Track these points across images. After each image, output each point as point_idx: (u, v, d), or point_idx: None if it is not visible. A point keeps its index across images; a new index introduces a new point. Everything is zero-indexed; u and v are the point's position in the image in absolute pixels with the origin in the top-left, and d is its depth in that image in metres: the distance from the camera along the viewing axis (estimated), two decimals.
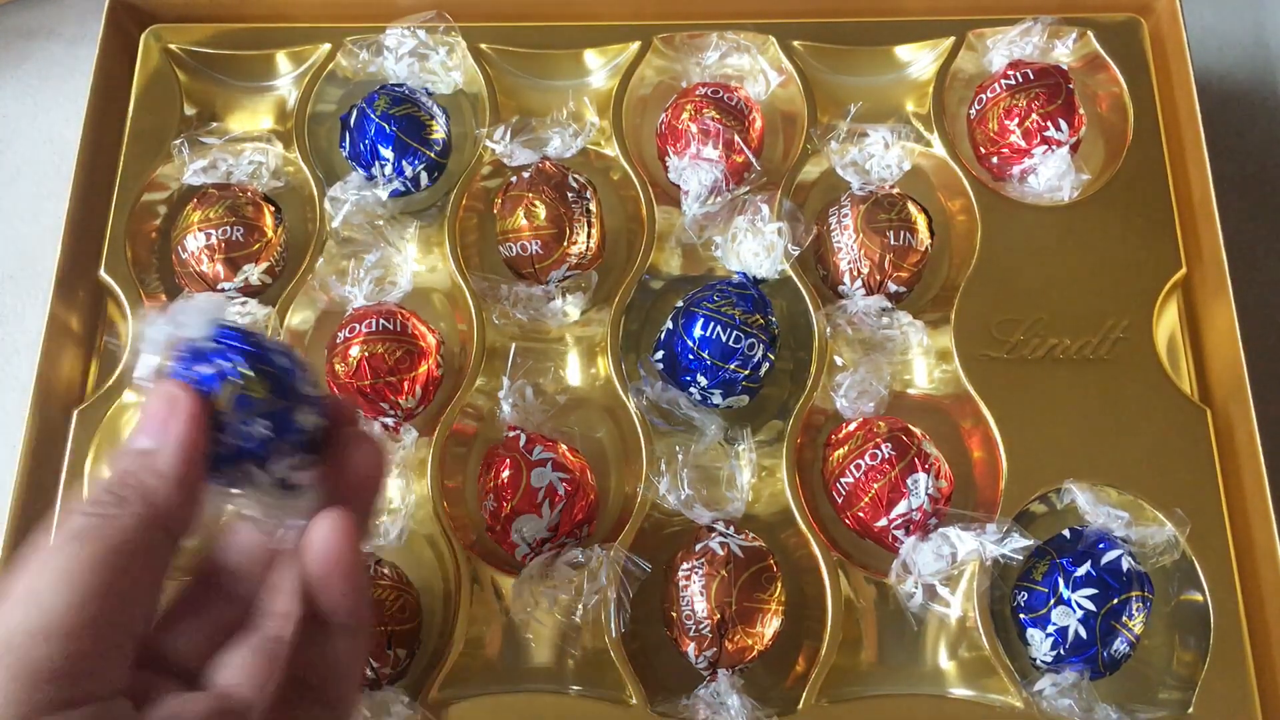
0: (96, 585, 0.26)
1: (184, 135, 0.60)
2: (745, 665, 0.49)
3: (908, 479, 0.49)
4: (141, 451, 0.28)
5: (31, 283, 0.64)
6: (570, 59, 0.62)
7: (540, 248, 0.55)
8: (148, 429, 0.29)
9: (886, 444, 0.50)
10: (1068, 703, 0.48)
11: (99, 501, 0.28)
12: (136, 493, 0.28)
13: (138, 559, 0.27)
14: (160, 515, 0.28)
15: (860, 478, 0.50)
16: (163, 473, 0.28)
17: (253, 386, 0.29)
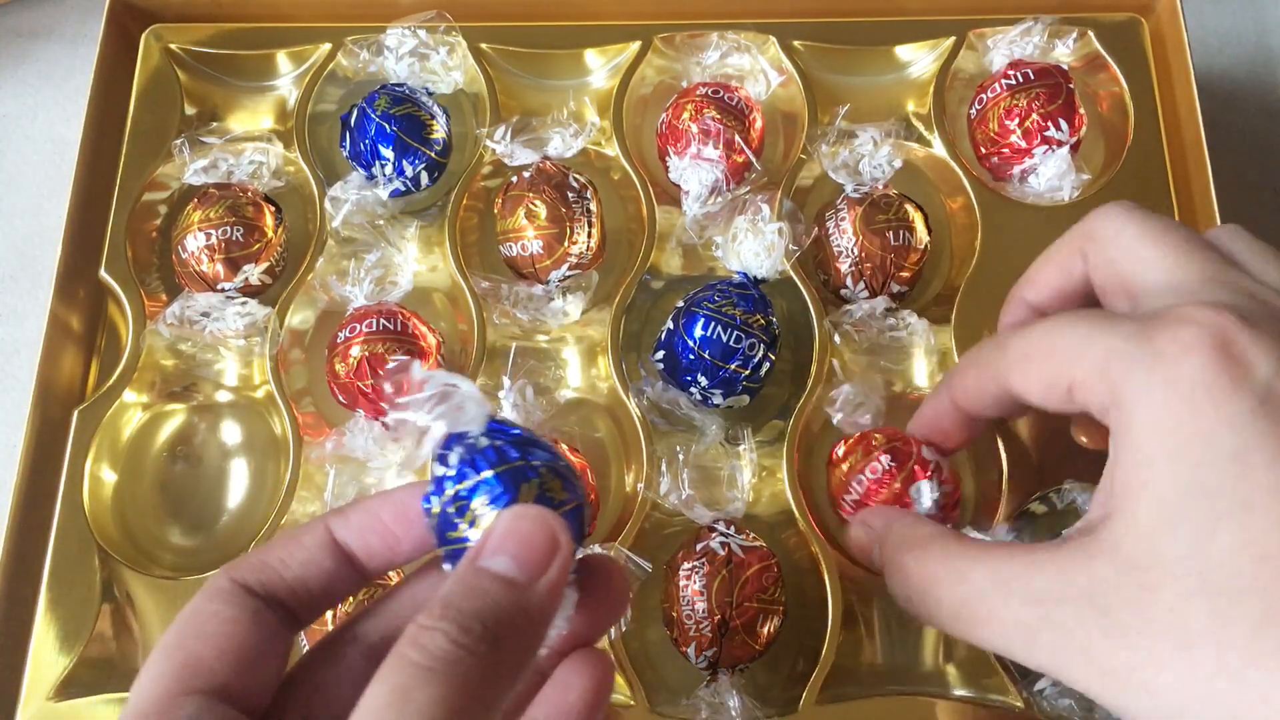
0: None
1: (184, 135, 0.60)
2: (745, 665, 0.49)
3: (910, 488, 0.48)
4: (510, 583, 0.25)
5: (31, 282, 0.64)
6: (571, 59, 0.62)
7: (541, 248, 0.55)
8: (520, 557, 0.25)
9: (885, 455, 0.49)
10: (1068, 703, 0.48)
11: (468, 631, 0.24)
12: (508, 633, 0.24)
13: (495, 713, 0.24)
14: (523, 666, 0.25)
15: (863, 493, 0.49)
16: (533, 619, 0.25)
17: (552, 487, 0.27)
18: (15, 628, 0.51)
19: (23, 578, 0.52)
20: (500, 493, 0.26)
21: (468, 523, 0.26)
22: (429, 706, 0.22)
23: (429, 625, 0.24)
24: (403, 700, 0.22)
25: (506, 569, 0.25)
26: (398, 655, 0.23)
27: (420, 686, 0.22)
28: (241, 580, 0.28)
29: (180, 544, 0.55)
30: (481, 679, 0.23)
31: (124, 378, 0.55)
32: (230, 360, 0.58)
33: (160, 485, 0.56)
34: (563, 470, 0.28)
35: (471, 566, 0.25)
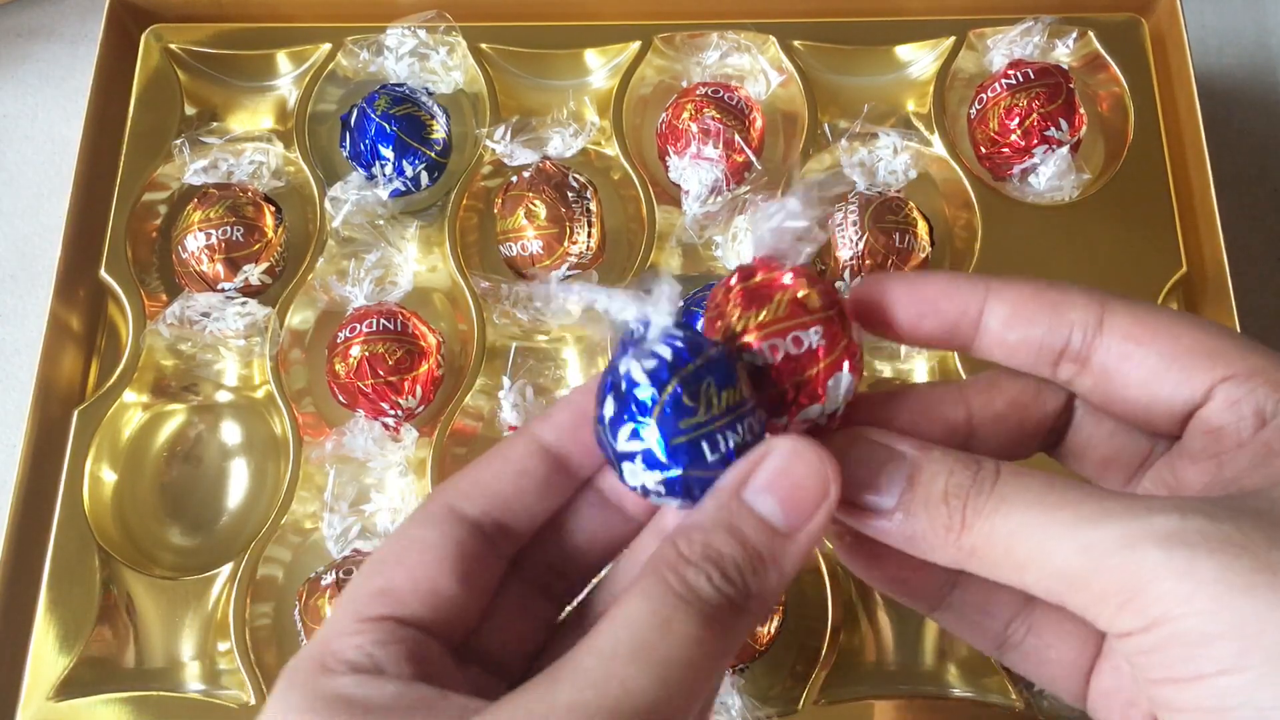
0: (697, 688, 0.22)
1: (184, 135, 0.60)
2: (745, 665, 0.49)
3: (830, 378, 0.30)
4: (774, 530, 0.24)
5: (31, 282, 0.64)
6: (570, 59, 0.62)
7: (541, 247, 0.55)
8: (787, 504, 0.24)
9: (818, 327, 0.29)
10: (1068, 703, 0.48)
11: (730, 580, 0.23)
12: (762, 589, 0.23)
13: (727, 664, 0.23)
14: (764, 617, 0.24)
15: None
16: (787, 574, 0.24)
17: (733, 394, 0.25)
18: (15, 628, 0.51)
19: (23, 578, 0.52)
20: (722, 376, 0.25)
21: (702, 407, 0.25)
22: (689, 642, 0.22)
23: (692, 559, 0.23)
24: (665, 628, 0.22)
25: (770, 513, 0.24)
26: (659, 579, 0.23)
27: (682, 620, 0.22)
28: (454, 504, 0.27)
29: (180, 544, 0.55)
30: (737, 628, 0.23)
31: (124, 378, 0.55)
32: (230, 360, 0.58)
33: (160, 485, 0.56)
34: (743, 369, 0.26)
35: (736, 498, 0.24)
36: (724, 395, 0.25)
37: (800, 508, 0.24)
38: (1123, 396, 0.27)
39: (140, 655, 0.52)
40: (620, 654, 0.21)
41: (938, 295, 0.28)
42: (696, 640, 0.22)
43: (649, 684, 0.21)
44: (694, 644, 0.22)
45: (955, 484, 0.25)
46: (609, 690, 0.21)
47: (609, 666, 0.21)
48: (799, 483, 0.24)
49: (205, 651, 0.52)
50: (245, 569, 0.51)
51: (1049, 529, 0.23)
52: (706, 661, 0.22)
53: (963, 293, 0.28)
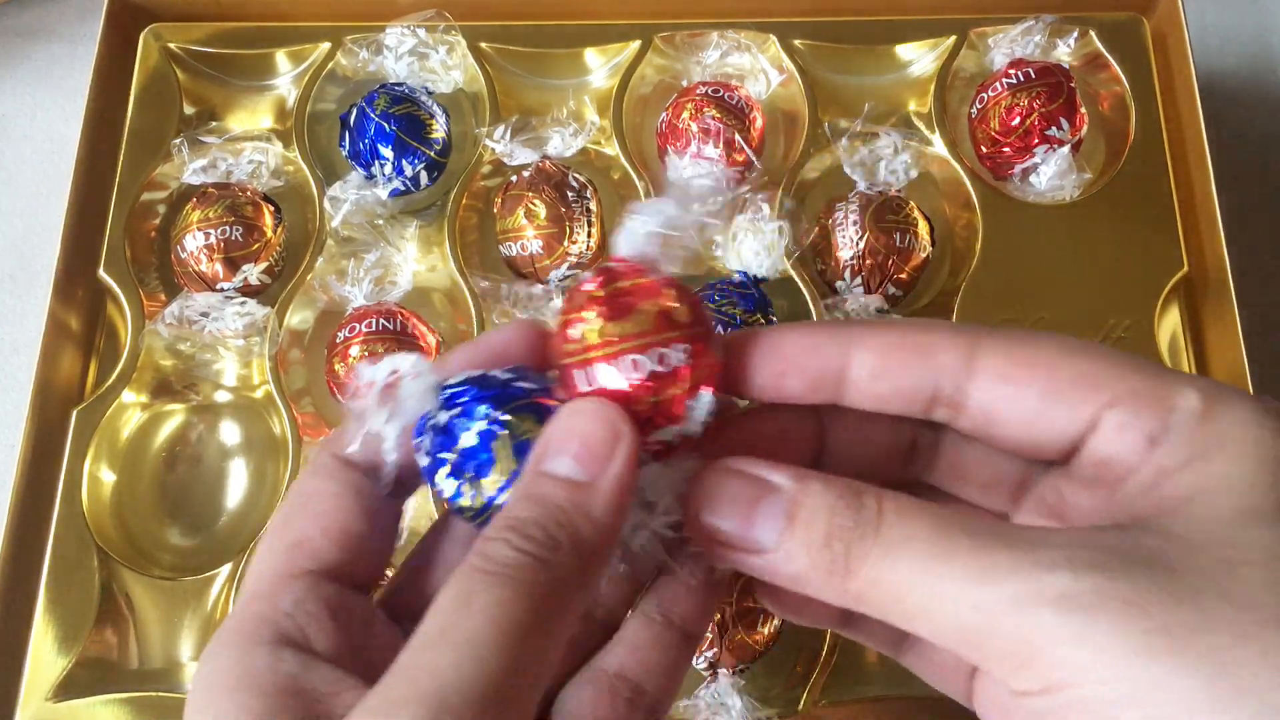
0: (530, 647, 0.22)
1: (183, 134, 0.60)
2: (745, 665, 0.49)
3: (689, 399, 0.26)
4: (571, 484, 0.24)
5: (31, 282, 0.64)
6: (570, 58, 0.62)
7: (540, 247, 0.55)
8: (580, 456, 0.24)
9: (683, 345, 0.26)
10: None
11: (530, 538, 0.23)
12: (570, 538, 0.23)
13: (563, 620, 0.23)
14: (590, 570, 0.23)
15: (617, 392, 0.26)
16: (599, 520, 0.24)
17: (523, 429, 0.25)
18: (15, 628, 0.51)
19: (22, 578, 0.52)
20: (477, 462, 0.25)
21: (468, 498, 0.25)
22: (492, 608, 0.22)
23: (492, 536, 0.23)
24: (465, 604, 0.22)
25: (567, 470, 0.24)
26: (464, 564, 0.23)
27: (483, 591, 0.22)
28: (342, 454, 0.27)
29: (179, 544, 0.55)
30: (548, 582, 0.22)
31: (123, 378, 0.55)
32: (230, 360, 0.57)
33: (159, 485, 0.56)
34: (531, 403, 0.26)
35: (533, 474, 0.24)
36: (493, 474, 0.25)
37: (594, 456, 0.24)
38: (1004, 434, 0.26)
39: (139, 656, 0.52)
40: (428, 642, 0.21)
41: (798, 352, 0.27)
42: (499, 605, 0.22)
43: (459, 663, 0.21)
44: (497, 611, 0.22)
45: (838, 525, 0.24)
46: (420, 681, 0.21)
47: (419, 657, 0.21)
48: (586, 434, 0.24)
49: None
50: (244, 569, 0.51)
51: (938, 585, 0.23)
52: (518, 627, 0.22)
53: (824, 347, 0.27)
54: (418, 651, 0.21)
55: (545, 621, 0.22)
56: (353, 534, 0.26)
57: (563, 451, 0.24)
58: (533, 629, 0.22)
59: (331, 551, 0.26)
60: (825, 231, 0.56)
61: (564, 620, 0.23)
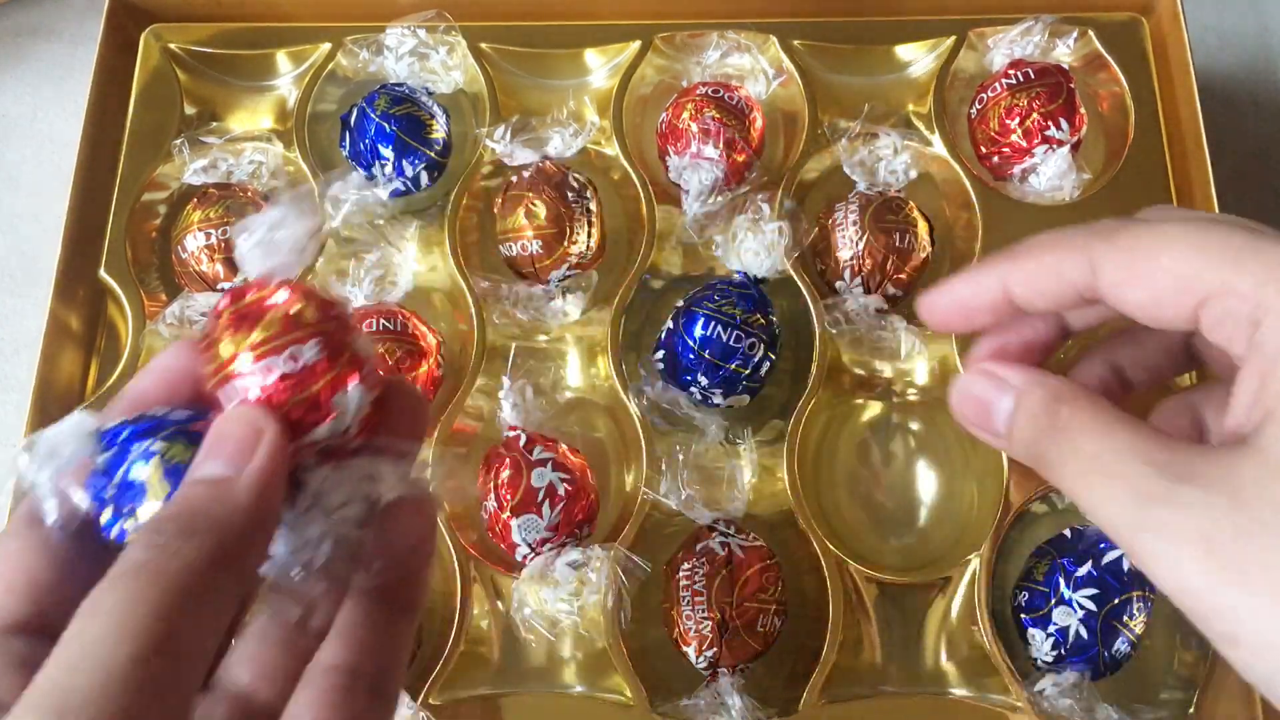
0: (161, 635, 0.22)
1: (184, 135, 0.60)
2: (745, 665, 0.49)
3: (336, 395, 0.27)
4: (213, 480, 0.24)
5: (31, 282, 0.64)
6: (571, 58, 0.62)
7: (540, 247, 0.55)
8: (222, 454, 0.25)
9: (315, 340, 0.27)
10: (1068, 703, 0.48)
11: (160, 532, 0.23)
12: (206, 523, 0.24)
13: (207, 604, 0.23)
14: (233, 553, 0.24)
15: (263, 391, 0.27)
16: (239, 504, 0.24)
17: (173, 454, 0.26)
18: None
19: None
20: (131, 493, 0.26)
21: (132, 527, 0.26)
22: (117, 605, 0.22)
23: (127, 545, 0.24)
24: (91, 610, 0.22)
25: (213, 471, 0.25)
26: (110, 575, 0.23)
27: (106, 594, 0.22)
28: (29, 513, 0.27)
29: None
30: (179, 571, 0.23)
31: (124, 378, 0.55)
32: None
33: None
34: (185, 430, 0.26)
35: (183, 484, 0.25)
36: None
37: (237, 451, 0.25)
38: (1142, 318, 0.30)
39: None
40: (54, 656, 0.22)
41: (967, 298, 0.33)
42: (121, 602, 0.22)
43: (78, 667, 0.21)
44: (119, 607, 0.22)
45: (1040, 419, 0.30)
46: (43, 694, 0.21)
47: (44, 673, 0.21)
48: (228, 434, 0.25)
49: None
50: None
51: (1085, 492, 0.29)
52: (142, 617, 0.22)
53: (983, 291, 0.33)
54: (43, 669, 0.22)
55: (178, 607, 0.22)
56: (39, 585, 0.26)
57: (210, 457, 0.25)
58: (162, 615, 0.22)
59: (17, 606, 0.26)
60: (825, 232, 0.56)
61: (206, 604, 0.23)
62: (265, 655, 0.27)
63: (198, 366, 0.28)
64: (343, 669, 0.27)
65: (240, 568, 0.24)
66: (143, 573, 0.22)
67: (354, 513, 0.27)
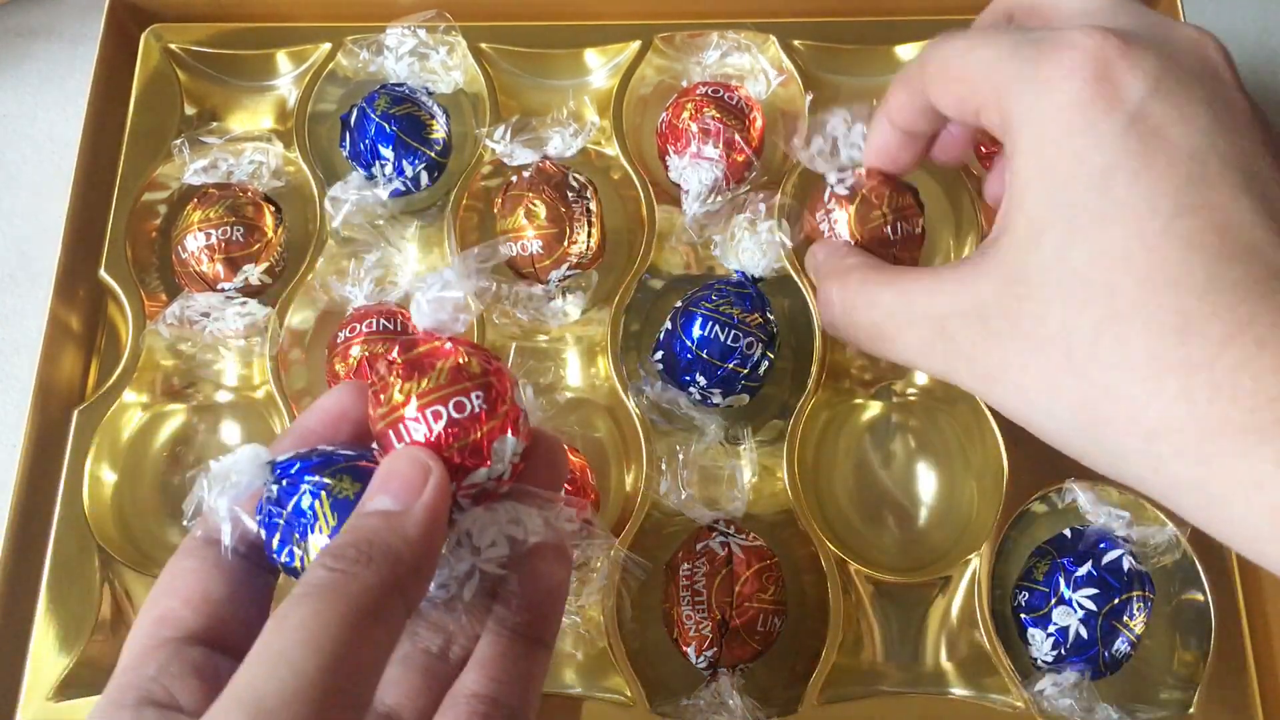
0: (343, 649, 0.24)
1: (184, 135, 0.60)
2: (745, 665, 0.49)
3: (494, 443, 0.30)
4: (386, 513, 0.27)
5: (31, 282, 0.64)
6: (570, 58, 0.62)
7: (540, 247, 0.55)
8: (393, 491, 0.27)
9: (478, 391, 0.29)
10: (1068, 703, 0.48)
11: (341, 557, 0.25)
12: (381, 552, 0.26)
13: (381, 625, 0.25)
14: (404, 581, 0.26)
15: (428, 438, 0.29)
16: (409, 537, 0.26)
17: (340, 488, 0.28)
18: (15, 628, 0.51)
19: (23, 578, 0.52)
20: (300, 523, 0.28)
21: (298, 560, 0.28)
22: (303, 620, 0.24)
23: (312, 565, 0.26)
24: (280, 623, 0.24)
25: (383, 505, 0.27)
26: (296, 594, 0.25)
27: (295, 609, 0.24)
28: (206, 534, 0.29)
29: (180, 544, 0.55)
30: (358, 594, 0.24)
31: (124, 378, 0.55)
32: (230, 360, 0.58)
33: (160, 485, 0.56)
34: (353, 466, 0.29)
35: (354, 515, 0.27)
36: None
37: (407, 488, 0.27)
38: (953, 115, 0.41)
39: None
40: (248, 663, 0.24)
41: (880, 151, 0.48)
42: (309, 617, 0.24)
43: (273, 673, 0.23)
44: (308, 622, 0.24)
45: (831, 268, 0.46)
46: (240, 694, 0.23)
47: (240, 677, 0.23)
48: (398, 472, 0.27)
49: None
50: None
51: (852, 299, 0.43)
52: (327, 633, 0.24)
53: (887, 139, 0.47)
54: (239, 673, 0.23)
55: (358, 626, 0.24)
56: (214, 600, 0.28)
57: (381, 492, 0.27)
58: (344, 634, 0.24)
59: (194, 619, 0.28)
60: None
61: (381, 624, 0.25)
62: (409, 680, 0.29)
63: (361, 407, 0.31)
64: (484, 697, 0.29)
65: (409, 595, 0.26)
66: (328, 592, 0.24)
67: (499, 553, 0.29)
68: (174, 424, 0.57)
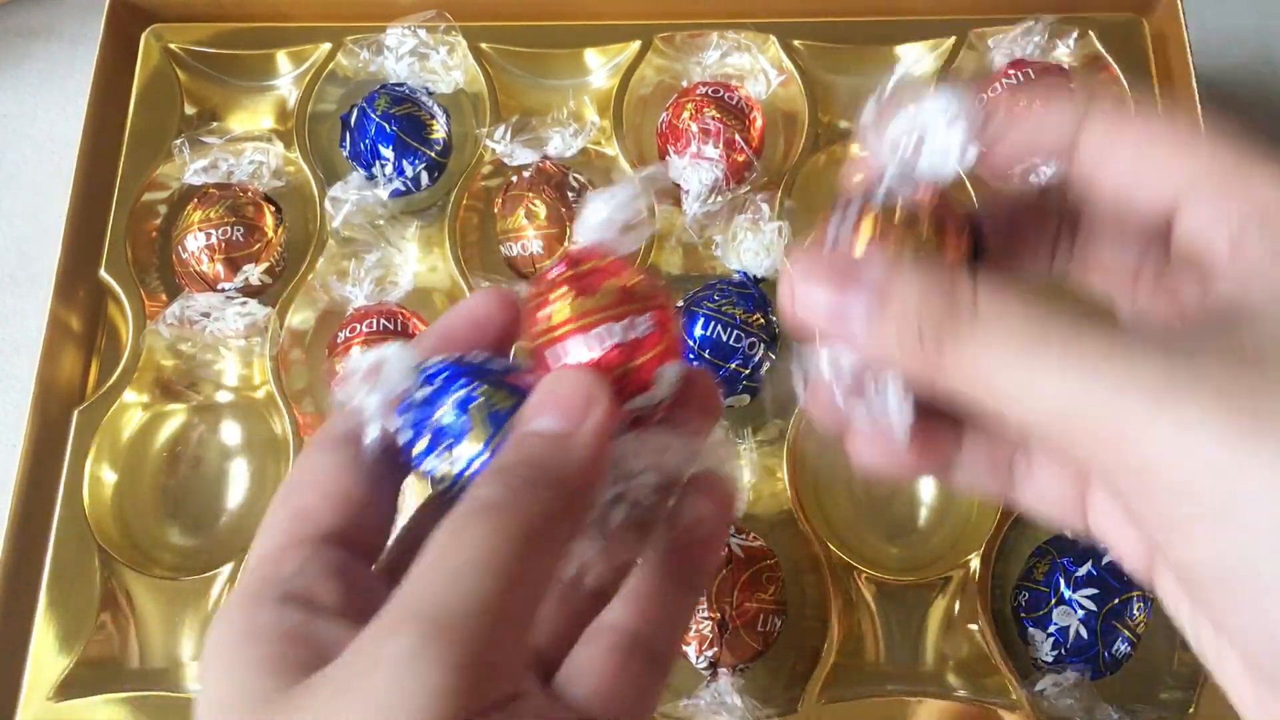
0: (517, 572, 0.23)
1: (184, 135, 0.60)
2: (745, 665, 0.49)
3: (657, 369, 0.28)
4: (552, 435, 0.25)
5: (31, 282, 0.64)
6: (571, 58, 0.62)
7: (541, 247, 0.55)
8: (557, 412, 0.25)
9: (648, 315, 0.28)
10: (1069, 703, 0.48)
11: (512, 476, 0.24)
12: (550, 476, 0.24)
13: (550, 551, 0.24)
14: (572, 506, 0.25)
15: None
16: (577, 460, 0.25)
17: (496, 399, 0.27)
18: (15, 628, 0.51)
19: (23, 578, 0.52)
20: (457, 430, 0.27)
21: (446, 463, 0.27)
22: (479, 539, 0.23)
23: (479, 482, 0.24)
24: (455, 537, 0.23)
25: (547, 426, 0.25)
26: (454, 509, 0.24)
27: (470, 526, 0.23)
28: (345, 429, 0.28)
29: (180, 544, 0.55)
30: (531, 516, 0.23)
31: (124, 378, 0.55)
32: (230, 360, 0.58)
33: (160, 485, 0.56)
34: (503, 380, 0.27)
35: (516, 434, 0.26)
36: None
37: (570, 410, 0.25)
38: (1106, 193, 0.27)
39: (140, 656, 0.52)
40: (422, 572, 0.23)
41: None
42: (486, 536, 0.23)
43: (451, 587, 0.22)
44: (484, 541, 0.23)
45: (930, 307, 0.24)
46: (417, 605, 0.22)
47: (414, 586, 0.22)
48: (563, 393, 0.26)
49: None
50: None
51: (1031, 367, 0.23)
52: (503, 553, 0.23)
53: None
54: (413, 582, 0.23)
55: (531, 549, 0.23)
56: (353, 501, 0.27)
57: (543, 412, 0.26)
58: (518, 555, 0.23)
59: (333, 518, 0.26)
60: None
61: (550, 549, 0.24)
62: (545, 607, 0.28)
63: (504, 317, 0.29)
64: (624, 631, 0.28)
65: (575, 520, 0.25)
66: (503, 513, 0.23)
67: (649, 481, 0.27)
68: (174, 424, 0.57)
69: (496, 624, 0.22)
